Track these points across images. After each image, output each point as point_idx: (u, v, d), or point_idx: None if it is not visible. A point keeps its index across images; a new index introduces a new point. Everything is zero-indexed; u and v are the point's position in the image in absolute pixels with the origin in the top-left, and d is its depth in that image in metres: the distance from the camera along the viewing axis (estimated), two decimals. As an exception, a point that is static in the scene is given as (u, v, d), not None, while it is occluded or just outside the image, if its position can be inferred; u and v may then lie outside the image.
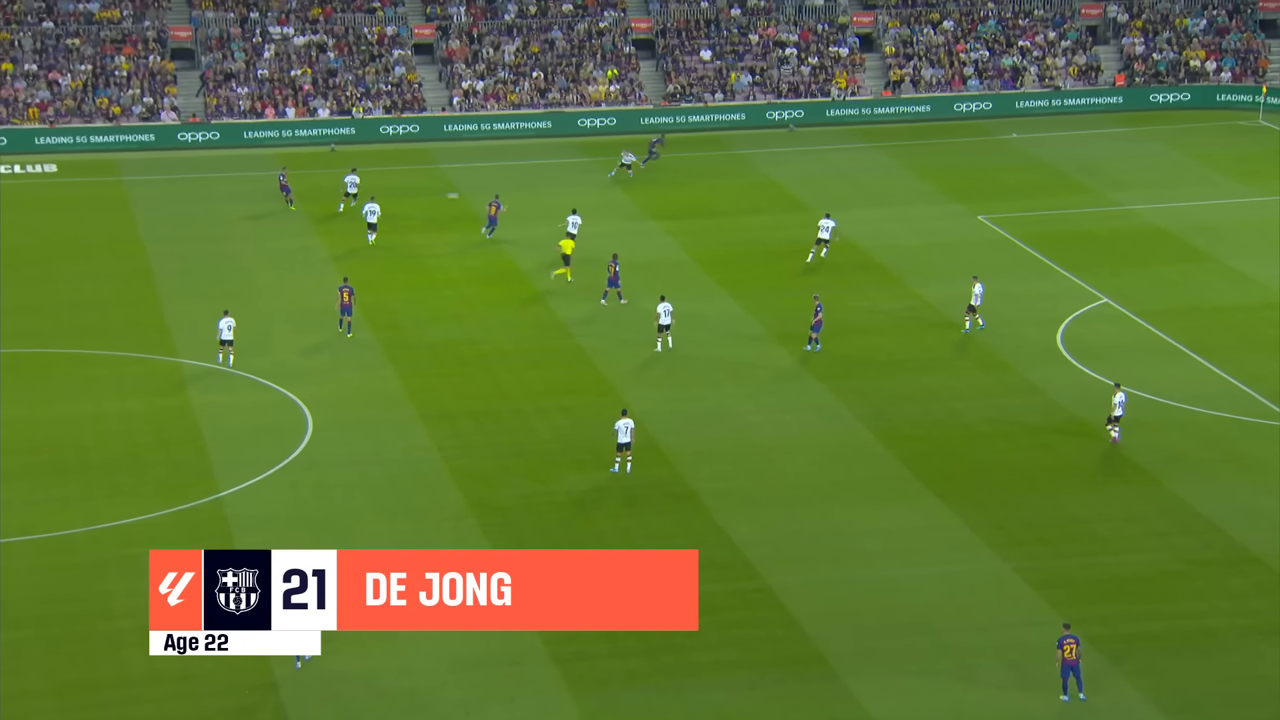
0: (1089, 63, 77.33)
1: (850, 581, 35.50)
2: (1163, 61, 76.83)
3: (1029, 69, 77.24)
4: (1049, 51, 78.06)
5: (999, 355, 47.87)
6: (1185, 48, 77.49)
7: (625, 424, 40.51)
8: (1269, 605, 34.22)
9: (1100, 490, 39.54)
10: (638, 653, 32.86)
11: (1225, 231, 58.15)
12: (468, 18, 78.85)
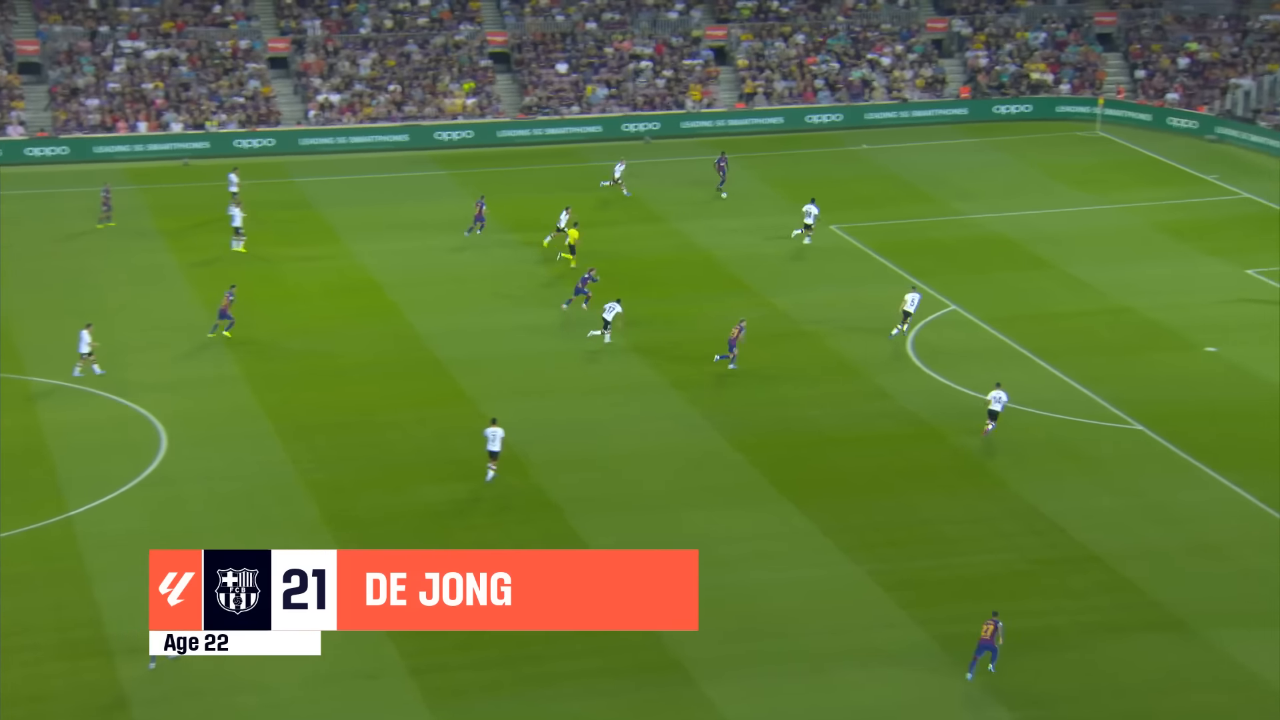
0: (935, 75, 78.58)
1: (707, 587, 35.34)
2: (1005, 74, 78.29)
3: (877, 81, 78.29)
4: (897, 64, 79.18)
5: (851, 362, 48.41)
6: (1026, 60, 79.03)
7: (494, 432, 40.40)
8: (1108, 602, 34.98)
9: (949, 493, 40.13)
10: (496, 663, 32.73)
11: (1065, 239, 59.37)
12: (322, 31, 78.11)
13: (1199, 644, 33.36)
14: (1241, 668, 32.53)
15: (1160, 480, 40.51)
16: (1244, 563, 36.51)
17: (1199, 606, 34.66)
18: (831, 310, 52.77)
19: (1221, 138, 71.93)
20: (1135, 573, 35.99)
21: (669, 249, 58.87)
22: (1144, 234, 59.79)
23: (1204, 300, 52.85)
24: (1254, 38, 77.08)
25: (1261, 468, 40.97)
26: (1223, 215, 61.01)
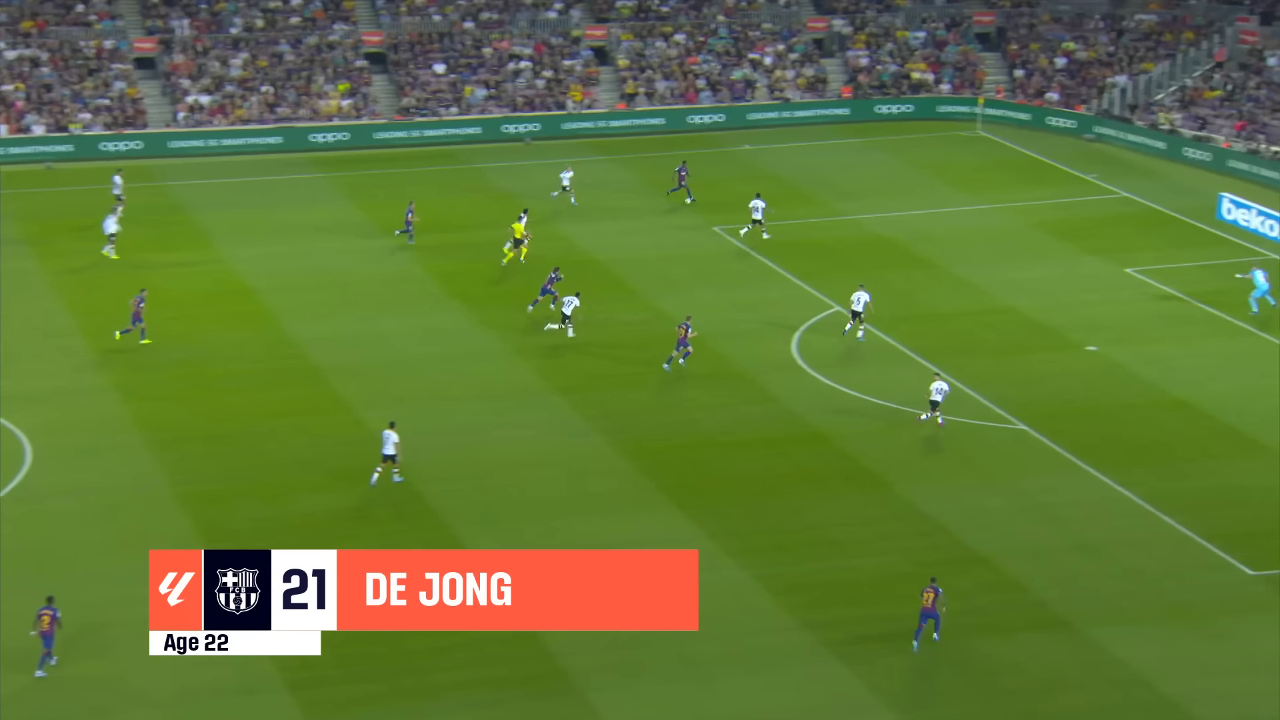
0: (816, 75, 79.30)
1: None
2: (886, 73, 79.19)
3: (759, 81, 78.84)
4: (778, 64, 79.79)
5: (736, 365, 48.71)
6: (907, 60, 80.00)
7: (389, 435, 40.18)
8: (993, 602, 35.51)
9: (835, 496, 40.52)
10: (376, 675, 32.54)
11: (948, 239, 60.19)
12: (191, 31, 77.14)
13: (1082, 643, 33.98)
14: (1123, 665, 33.19)
15: (1043, 480, 41.20)
16: (1125, 561, 37.25)
17: (1082, 605, 35.31)
18: (716, 313, 53.06)
19: (1099, 137, 73.31)
20: (1019, 572, 36.58)
21: (553, 252, 58.84)
22: (1025, 233, 60.77)
23: (1085, 299, 53.82)
24: (1129, 37, 78.64)
25: (1142, 466, 41.83)
26: (1102, 214, 62.17)
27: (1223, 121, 71.21)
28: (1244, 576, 36.34)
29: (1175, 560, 37.15)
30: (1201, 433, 43.75)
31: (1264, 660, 33.22)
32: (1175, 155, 69.92)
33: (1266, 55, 73.43)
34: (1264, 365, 48.23)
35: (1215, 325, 51.36)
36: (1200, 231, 60.42)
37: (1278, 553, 37.25)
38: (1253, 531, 38.27)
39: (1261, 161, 66.81)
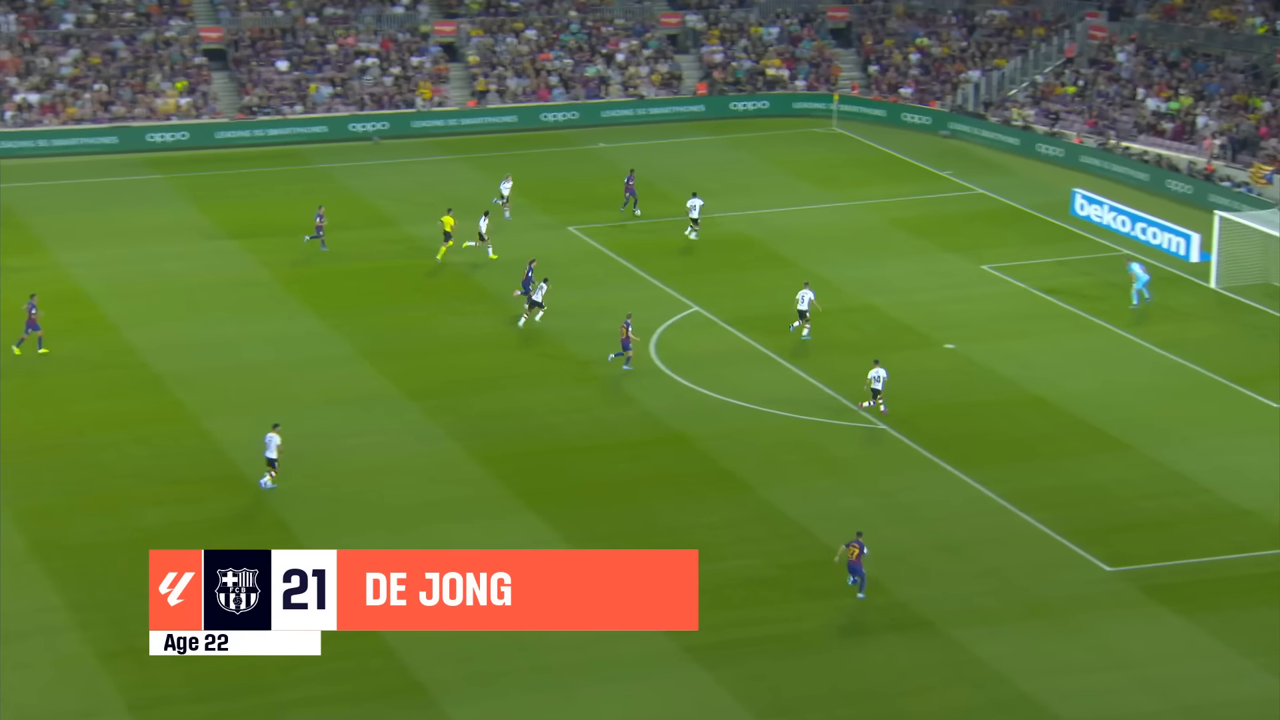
0: (671, 71, 79.69)
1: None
2: (740, 70, 79.82)
3: (613, 78, 79.03)
4: (632, 60, 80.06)
5: (594, 368, 48.77)
6: (762, 56, 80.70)
7: (271, 438, 40.10)
8: (854, 604, 35.93)
9: (696, 499, 40.74)
10: (224, 694, 32.11)
11: (806, 237, 60.82)
12: (18, 26, 75.47)
13: (943, 643, 34.52)
14: (984, 665, 33.77)
15: (904, 479, 41.79)
16: (985, 559, 37.91)
17: (942, 605, 35.87)
18: (571, 314, 53.10)
19: (954, 133, 74.54)
20: (880, 573, 37.06)
21: (401, 254, 58.54)
22: (882, 230, 61.59)
23: (942, 296, 54.68)
24: (981, 32, 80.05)
25: (1001, 464, 42.60)
26: (958, 211, 63.19)
27: (1075, 117, 72.77)
28: (1101, 573, 37.17)
29: (1034, 558, 37.88)
30: (1059, 430, 44.67)
31: (1121, 656, 34.01)
32: (1029, 151, 71.32)
33: (1116, 51, 75.17)
34: (1120, 361, 49.38)
35: (1071, 321, 52.46)
36: (1055, 227, 61.66)
37: (1133, 549, 38.15)
38: (1109, 528, 39.16)
39: (1113, 157, 68.40)
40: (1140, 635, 34.64)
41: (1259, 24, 71.99)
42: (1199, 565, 37.39)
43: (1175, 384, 47.70)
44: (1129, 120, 70.74)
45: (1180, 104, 69.79)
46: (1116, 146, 69.44)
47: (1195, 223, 58.88)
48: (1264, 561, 37.44)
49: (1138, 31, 75.39)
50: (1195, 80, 70.99)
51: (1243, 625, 34.80)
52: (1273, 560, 37.52)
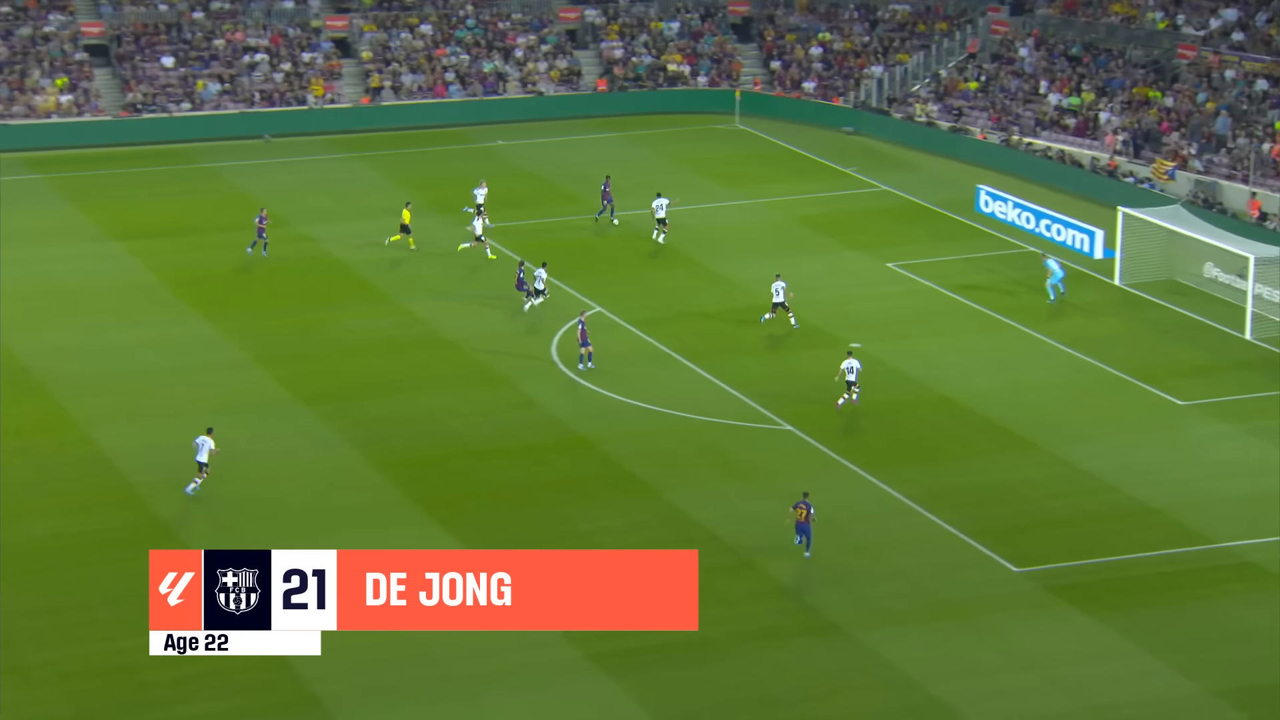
0: (570, 67, 79.65)
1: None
2: (641, 66, 79.93)
3: (511, 74, 78.89)
4: (530, 56, 79.95)
5: (495, 371, 48.65)
6: (663, 52, 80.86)
7: (203, 442, 40.07)
8: (763, 609, 36.10)
9: (600, 503, 40.75)
10: (109, 711, 31.69)
11: (709, 236, 61.01)
12: (-108, 21, 74.20)
13: (852, 646, 34.76)
14: (893, 668, 34.04)
15: (811, 481, 42.01)
16: (893, 561, 38.21)
17: (851, 608, 36.12)
18: (472, 316, 52.95)
19: (858, 129, 75.09)
20: (788, 577, 37.25)
21: (296, 255, 58.09)
22: (787, 229, 61.92)
23: (848, 295, 55.06)
24: (884, 27, 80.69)
25: (909, 464, 42.95)
26: (863, 208, 63.65)
27: (978, 113, 73.55)
28: (1009, 573, 37.59)
29: (942, 559, 38.24)
30: (966, 429, 45.12)
31: (1029, 657, 34.41)
32: (932, 147, 71.99)
33: (1018, 46, 76.06)
34: (1026, 359, 49.95)
35: (977, 319, 53.00)
36: (959, 224, 62.28)
37: (1041, 549, 38.61)
38: (1015, 527, 39.61)
39: (1016, 153, 69.19)
40: (1049, 636, 35.06)
41: (1159, 19, 73.14)
42: (1106, 564, 37.92)
43: (1081, 382, 48.35)
44: (1032, 116, 71.60)
45: (1083, 99, 70.73)
46: (1020, 142, 70.27)
47: (1099, 219, 59.71)
48: (1171, 560, 38.03)
49: (1039, 26, 76.33)
50: (1097, 75, 71.99)
51: (1151, 624, 35.33)
52: (1180, 559, 38.13)
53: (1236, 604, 36.05)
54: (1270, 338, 50.97)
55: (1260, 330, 51.33)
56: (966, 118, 73.47)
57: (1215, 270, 55.22)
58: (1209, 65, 69.11)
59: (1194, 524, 39.52)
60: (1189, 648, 34.48)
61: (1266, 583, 36.89)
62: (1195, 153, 65.17)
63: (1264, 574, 37.22)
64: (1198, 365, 49.35)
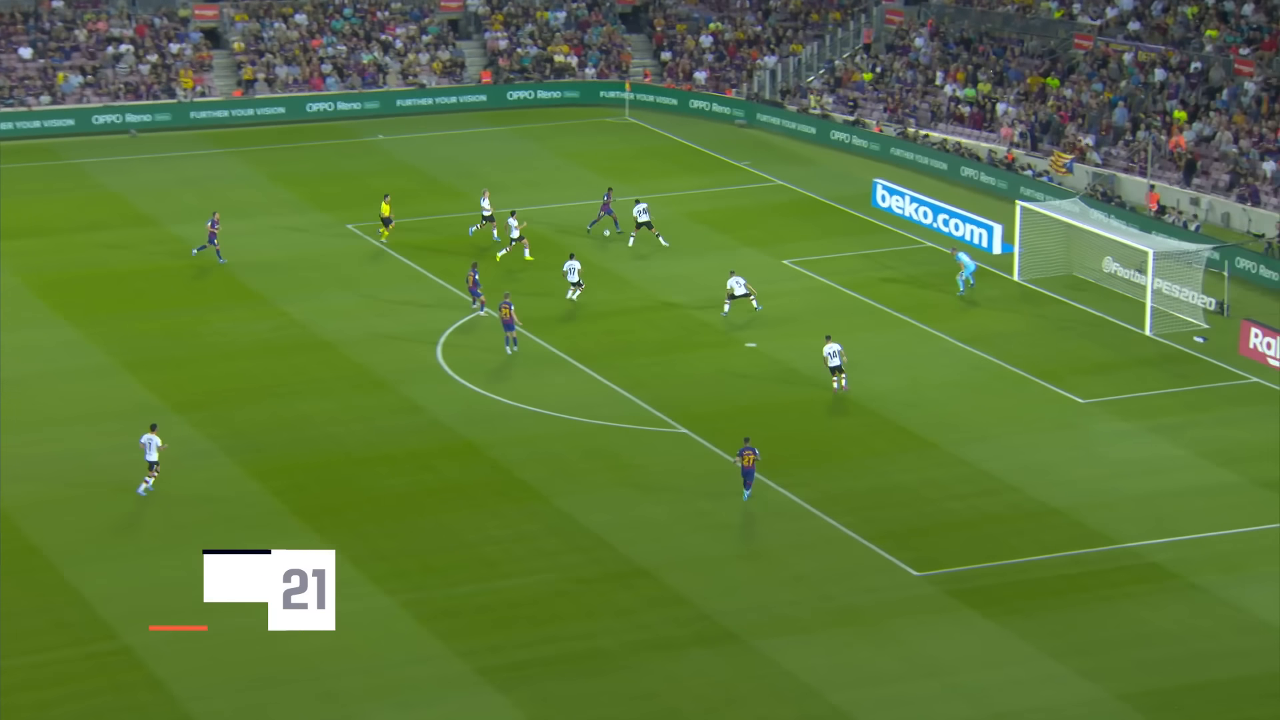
0: (453, 58, 79.38)
1: (222, 632, 34.93)
2: (527, 57, 79.83)
3: (391, 66, 78.48)
4: (411, 47, 79.58)
5: (376, 374, 48.39)
6: (549, 43, 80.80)
7: (150, 440, 39.98)
8: (658, 618, 36.16)
9: (487, 511, 40.65)
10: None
11: (599, 232, 60.96)
12: None
13: (750, 655, 34.90)
14: (792, 677, 34.21)
15: (706, 485, 42.16)
16: (792, 567, 38.42)
17: (748, 616, 36.26)
18: (351, 318, 52.64)
19: (750, 122, 75.46)
20: (684, 585, 37.35)
21: (162, 256, 57.44)
22: (680, 225, 62.07)
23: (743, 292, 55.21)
24: (776, 16, 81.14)
25: (806, 466, 43.21)
26: (757, 203, 63.94)
27: (873, 105, 74.16)
28: (909, 578, 37.92)
29: (841, 564, 38.50)
30: (864, 429, 45.46)
31: (931, 664, 34.72)
32: (828, 140, 72.52)
33: (913, 36, 76.78)
34: (924, 357, 50.41)
35: (874, 317, 53.42)
36: (856, 219, 62.75)
37: (942, 552, 38.99)
38: (916, 530, 39.97)
39: (913, 146, 69.84)
40: (950, 641, 35.40)
41: (1055, 8, 74.13)
42: (1008, 567, 38.36)
43: (981, 380, 48.88)
44: (928, 108, 72.32)
45: (979, 89, 71.52)
46: (916, 135, 70.94)
47: (997, 213, 60.42)
48: (1074, 561, 38.54)
49: (934, 16, 77.10)
50: (993, 66, 72.83)
51: (1053, 627, 35.78)
52: (1083, 560, 38.65)
53: (1139, 606, 36.60)
54: (1170, 334, 51.84)
55: (1160, 326, 52.19)
56: (862, 110, 74.06)
57: (1115, 265, 56.06)
58: (1105, 54, 70.16)
59: (1096, 524, 40.08)
60: (1092, 651, 34.96)
61: (1169, 583, 37.49)
62: (1093, 145, 66.14)
63: (1167, 575, 37.83)
64: (1098, 362, 50.07)
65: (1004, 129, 69.16)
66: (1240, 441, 44.49)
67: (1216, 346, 50.76)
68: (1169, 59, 68.04)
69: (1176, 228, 58.51)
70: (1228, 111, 64.36)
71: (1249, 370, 49.20)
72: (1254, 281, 56.06)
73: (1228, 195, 61.71)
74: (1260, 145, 62.16)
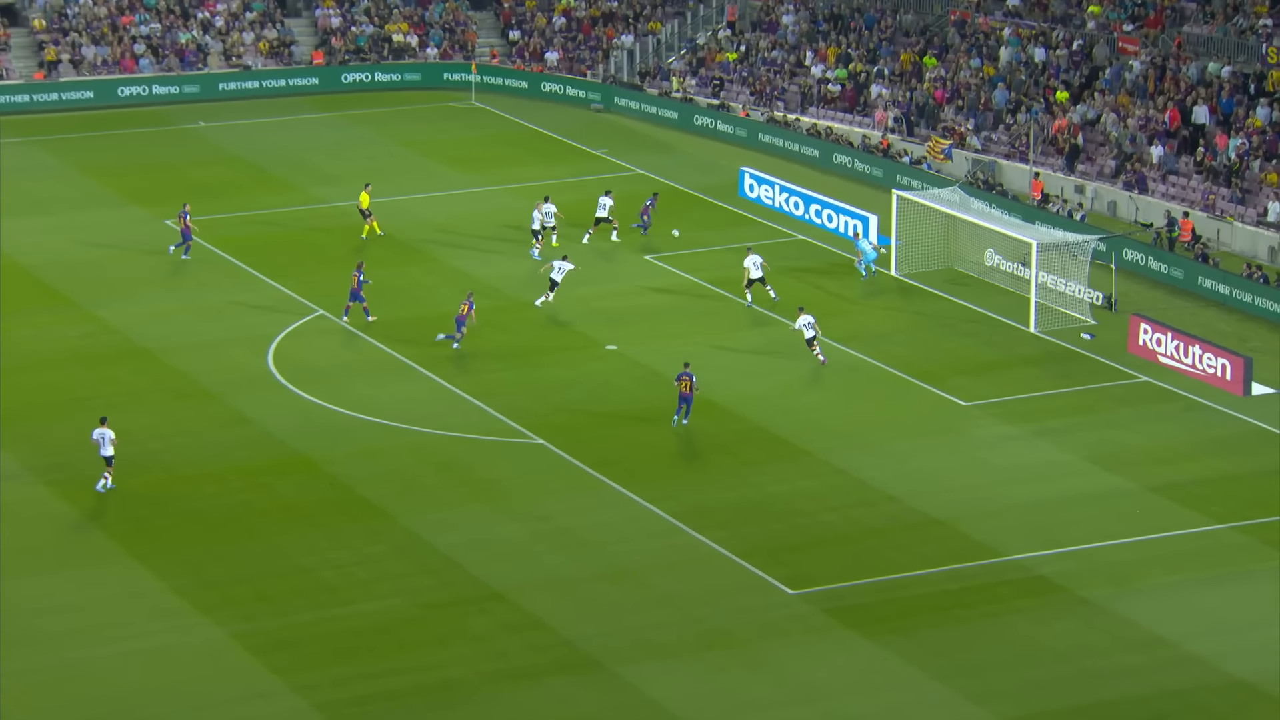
0: (280, 38, 78.86)
1: (30, 671, 34.65)
2: (362, 36, 79.52)
3: (211, 46, 77.82)
4: (233, 25, 78.95)
5: (202, 384, 48.06)
6: (386, 20, 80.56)
7: (103, 434, 40.49)
8: (514, 644, 36.26)
9: (327, 532, 40.54)
10: None
11: (445, 227, 61.01)
12: None
13: (613, 683, 35.11)
14: (659, 706, 34.47)
15: (565, 500, 42.33)
16: (658, 587, 38.70)
17: (612, 640, 36.47)
18: (172, 323, 52.17)
19: (607, 106, 75.76)
20: (542, 608, 37.49)
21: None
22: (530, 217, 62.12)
23: (602, 291, 55.51)
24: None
25: (671, 478, 43.53)
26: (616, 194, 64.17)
27: (740, 88, 74.80)
28: (783, 597, 38.35)
29: (710, 583, 38.83)
30: (733, 437, 45.88)
31: (807, 688, 35.12)
32: (691, 126, 73.03)
33: (779, 12, 77.48)
34: (796, 358, 50.91)
35: (744, 316, 53.84)
36: (723, 211, 63.25)
37: (818, 568, 39.44)
38: (790, 545, 40.41)
39: (783, 132, 70.53)
40: (827, 664, 35.85)
41: (932, -18, 75.18)
42: (888, 583, 38.91)
43: (857, 382, 49.50)
44: (797, 90, 73.07)
45: (851, 69, 72.32)
46: (785, 120, 71.66)
47: (873, 203, 61.19)
48: (956, 576, 39.18)
49: (804, -9, 77.86)
50: (865, 44, 73.72)
51: (936, 647, 36.35)
52: (966, 574, 39.30)
53: (1026, 622, 37.30)
54: (1056, 331, 52.85)
55: (1045, 323, 53.20)
56: (727, 93, 74.65)
57: (997, 258, 57.05)
58: (982, 31, 71.32)
59: (980, 535, 40.78)
60: (977, 672, 35.58)
61: (1056, 597, 38.24)
62: (973, 129, 67.23)
63: (1054, 588, 38.58)
64: (980, 362, 50.93)
65: (878, 113, 70.08)
66: (1130, 445, 45.50)
67: (1104, 344, 51.85)
68: (1050, 35, 69.31)
69: (1061, 217, 59.69)
70: (1112, 92, 65.74)
71: (1138, 369, 50.33)
72: (1142, 274, 57.33)
73: (1114, 182, 63.05)
74: (1147, 128, 63.55)
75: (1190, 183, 61.23)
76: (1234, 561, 39.70)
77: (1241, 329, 53.11)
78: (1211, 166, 60.95)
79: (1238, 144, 60.61)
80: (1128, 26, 68.52)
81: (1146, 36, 67.59)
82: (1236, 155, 60.51)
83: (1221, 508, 41.95)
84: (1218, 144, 61.27)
